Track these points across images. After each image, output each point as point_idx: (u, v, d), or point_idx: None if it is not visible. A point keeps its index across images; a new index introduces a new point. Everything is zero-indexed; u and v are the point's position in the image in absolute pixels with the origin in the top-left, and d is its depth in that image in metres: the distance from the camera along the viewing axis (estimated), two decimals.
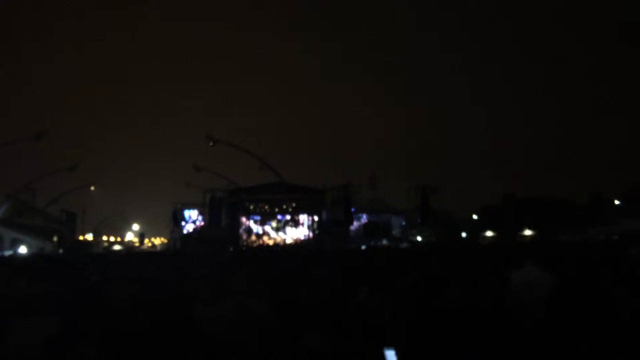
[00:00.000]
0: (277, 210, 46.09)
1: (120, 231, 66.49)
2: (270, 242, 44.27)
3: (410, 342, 3.14)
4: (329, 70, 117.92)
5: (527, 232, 41.21)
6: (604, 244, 21.70)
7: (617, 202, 42.65)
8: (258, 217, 46.21)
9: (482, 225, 44.09)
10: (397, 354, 2.91)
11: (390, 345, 2.94)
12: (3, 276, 5.70)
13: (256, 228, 46.11)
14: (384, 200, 49.24)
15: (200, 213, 47.98)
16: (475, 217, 45.79)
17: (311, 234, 45.26)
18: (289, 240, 44.71)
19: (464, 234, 43.20)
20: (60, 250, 40.44)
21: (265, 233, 45.84)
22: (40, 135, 48.82)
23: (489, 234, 42.90)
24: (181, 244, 44.72)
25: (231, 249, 29.65)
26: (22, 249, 40.09)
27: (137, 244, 60.26)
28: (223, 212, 46.08)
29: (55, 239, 46.56)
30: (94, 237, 60.55)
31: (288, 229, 45.94)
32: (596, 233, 33.42)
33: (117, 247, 55.83)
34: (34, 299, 3.82)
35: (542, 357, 2.95)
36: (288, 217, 46.20)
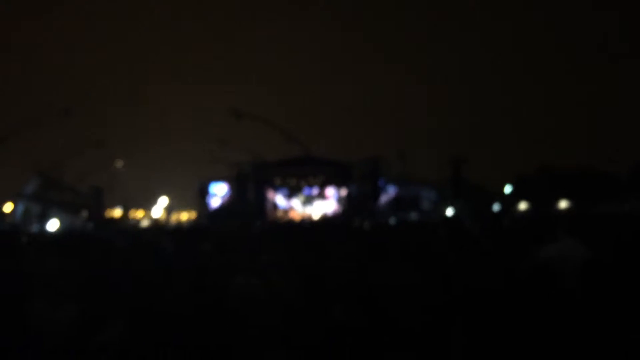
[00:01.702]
0: (304, 184, 45.98)
1: (147, 206, 67.20)
2: (297, 217, 44.17)
3: (435, 318, 3.13)
4: (357, 40, 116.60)
5: (563, 204, 40.41)
6: None
7: None
8: (285, 191, 46.16)
9: (516, 196, 43.29)
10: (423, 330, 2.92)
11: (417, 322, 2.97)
12: (34, 252, 5.91)
13: (283, 202, 46.09)
14: (413, 172, 48.66)
15: (228, 187, 48.15)
16: (508, 188, 44.90)
17: (339, 208, 45.04)
18: (316, 215, 44.55)
19: (496, 206, 42.43)
20: (90, 226, 41.09)
21: (292, 207, 45.81)
22: (68, 110, 49.41)
23: (523, 206, 42.17)
24: (208, 218, 44.96)
25: (258, 223, 29.53)
26: (52, 225, 40.85)
27: (164, 219, 60.87)
28: (249, 187, 46.21)
29: (84, 214, 47.41)
30: (122, 212, 61.37)
31: (315, 203, 45.80)
32: (636, 205, 32.54)
33: (144, 223, 56.44)
34: (64, 276, 3.85)
35: (570, 331, 2.91)
36: (315, 191, 46.03)
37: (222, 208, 46.54)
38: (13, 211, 47.60)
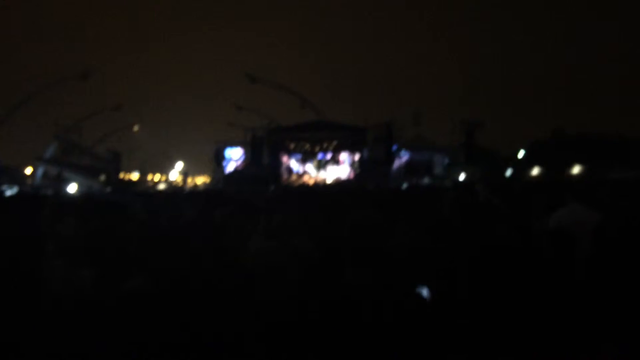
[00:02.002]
0: (318, 148, 46.01)
1: (164, 170, 67.77)
2: (311, 181, 44.40)
3: (442, 279, 3.15)
4: (369, 4, 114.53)
5: (576, 170, 39.98)
6: None
7: None
8: (299, 156, 46.28)
9: (530, 162, 42.87)
10: (430, 291, 2.95)
11: (424, 283, 2.99)
12: (53, 214, 5.76)
13: (297, 167, 46.27)
14: (427, 137, 48.42)
15: (243, 152, 48.32)
16: (522, 153, 44.49)
17: (352, 173, 45.15)
18: (329, 179, 44.73)
19: (509, 172, 42.18)
20: (108, 189, 41.63)
21: (305, 172, 45.99)
22: (86, 74, 49.51)
23: (536, 171, 41.79)
24: (223, 182, 45.34)
25: (272, 187, 29.83)
26: (71, 188, 41.44)
27: (180, 183, 61.44)
28: (264, 151, 46.34)
29: (102, 178, 47.91)
30: (139, 176, 61.95)
31: (329, 167, 45.93)
32: None
33: (161, 186, 57.03)
34: (84, 236, 3.88)
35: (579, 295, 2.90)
36: (329, 155, 46.10)
37: (237, 172, 46.83)
38: (33, 174, 48.34)
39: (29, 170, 49.84)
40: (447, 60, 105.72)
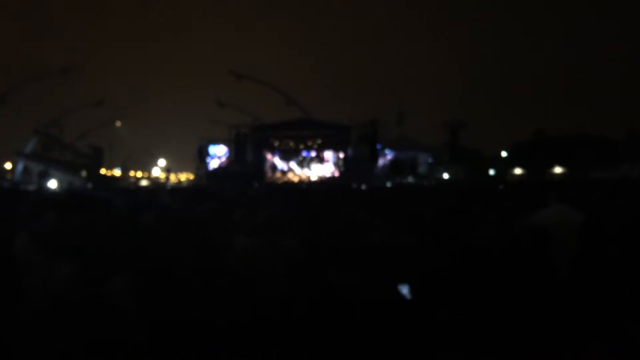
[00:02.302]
0: (302, 146, 46.02)
1: (146, 166, 67.26)
2: (295, 179, 44.37)
3: (424, 278, 3.14)
4: (355, 3, 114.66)
5: (558, 170, 40.42)
6: (635, 180, 21.31)
7: None
8: (283, 154, 46.23)
9: (512, 162, 43.28)
10: (412, 290, 2.94)
11: (406, 281, 2.98)
12: (33, 210, 5.70)
13: (281, 164, 46.21)
14: (411, 136, 48.62)
15: (226, 149, 48.16)
16: (504, 154, 44.90)
17: (337, 171, 45.21)
18: (314, 177, 44.75)
19: (492, 172, 42.54)
20: (89, 185, 41.21)
21: (290, 169, 45.95)
22: (66, 70, 48.97)
23: (518, 171, 42.20)
24: (206, 179, 45.14)
25: (256, 185, 29.75)
26: (51, 183, 40.96)
27: (163, 180, 61.04)
28: (248, 149, 46.23)
29: (84, 173, 47.42)
30: (121, 172, 61.42)
31: (313, 165, 45.94)
32: (630, 170, 32.65)
33: (144, 183, 56.60)
34: (63, 233, 3.83)
35: (567, 296, 2.91)
36: (313, 153, 46.11)
37: (221, 169, 46.67)
38: (13, 169, 47.70)
39: (8, 166, 49.11)
40: (446, 60, 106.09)
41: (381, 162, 44.97)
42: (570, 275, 3.26)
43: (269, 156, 45.99)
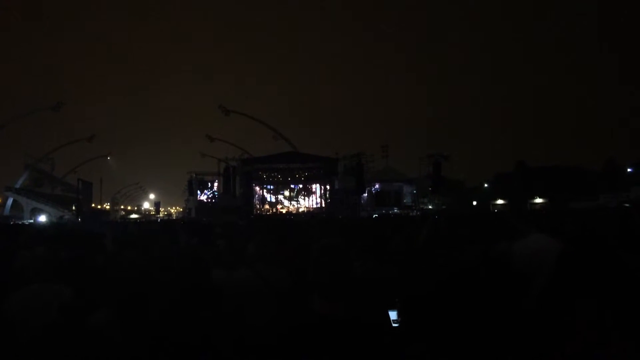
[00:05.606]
0: (290, 179, 46.54)
1: (136, 200, 67.53)
2: (284, 211, 44.84)
3: (412, 307, 3.26)
4: (342, 40, 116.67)
5: (538, 200, 41.10)
6: (614, 210, 21.75)
7: (629, 169, 42.38)
8: (271, 186, 46.73)
9: (493, 193, 43.99)
10: (400, 316, 3.10)
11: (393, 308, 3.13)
12: (23, 243, 5.79)
13: (269, 197, 46.66)
14: (396, 169, 49.48)
15: (215, 182, 48.61)
16: (486, 185, 45.73)
17: (324, 203, 45.72)
18: (301, 209, 45.22)
19: (474, 202, 43.24)
20: (79, 219, 41.29)
21: (278, 202, 46.40)
22: (57, 106, 49.43)
23: (500, 202, 42.85)
24: (196, 212, 45.46)
25: (245, 217, 30.21)
26: (42, 218, 41.05)
27: (153, 213, 61.22)
28: (237, 182, 46.67)
29: (73, 208, 47.48)
30: (111, 206, 61.55)
31: (301, 197, 46.44)
32: (608, 200, 33.37)
33: (133, 216, 56.77)
34: (51, 266, 3.81)
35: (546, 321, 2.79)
36: (301, 185, 46.63)
37: (210, 202, 47.09)
38: (2, 204, 47.65)
39: None
40: (429, 96, 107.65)
41: (367, 193, 45.60)
42: (536, 307, 3.21)
43: (257, 189, 46.43)
